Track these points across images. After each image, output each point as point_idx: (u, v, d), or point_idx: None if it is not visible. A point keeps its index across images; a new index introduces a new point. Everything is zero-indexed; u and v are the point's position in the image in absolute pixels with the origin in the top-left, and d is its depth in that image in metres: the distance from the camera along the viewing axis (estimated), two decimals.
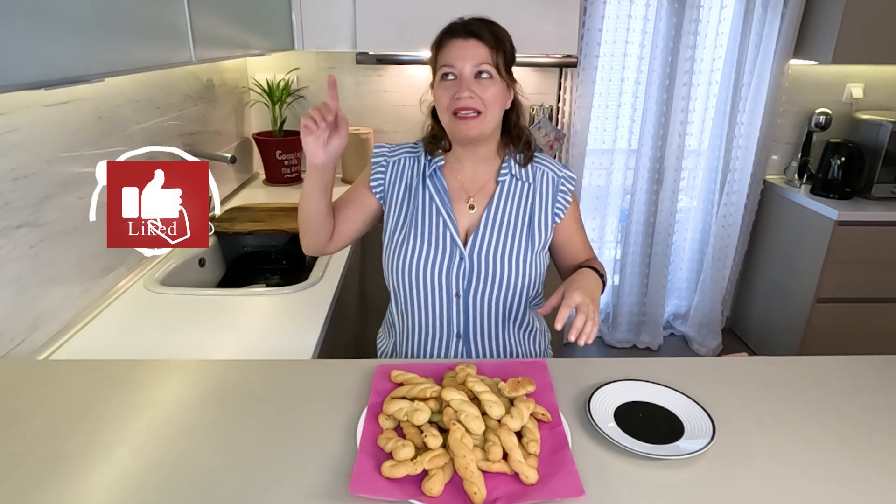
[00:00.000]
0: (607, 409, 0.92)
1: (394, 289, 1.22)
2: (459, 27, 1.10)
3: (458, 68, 1.08)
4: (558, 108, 2.58)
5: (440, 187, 1.17)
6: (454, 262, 1.15)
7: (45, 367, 1.04)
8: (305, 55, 2.44)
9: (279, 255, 1.95)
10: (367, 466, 0.77)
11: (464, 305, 1.17)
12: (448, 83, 1.09)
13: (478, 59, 1.08)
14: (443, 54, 1.10)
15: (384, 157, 1.21)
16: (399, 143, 1.24)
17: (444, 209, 1.16)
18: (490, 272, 1.15)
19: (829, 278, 2.42)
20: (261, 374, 1.01)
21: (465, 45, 1.08)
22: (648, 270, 2.84)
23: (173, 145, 1.71)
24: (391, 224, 1.19)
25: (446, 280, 1.16)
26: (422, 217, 1.16)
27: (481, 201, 1.18)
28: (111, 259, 1.40)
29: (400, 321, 1.24)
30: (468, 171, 1.19)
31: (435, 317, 1.19)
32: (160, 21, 1.10)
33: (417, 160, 1.21)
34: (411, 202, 1.18)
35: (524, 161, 1.20)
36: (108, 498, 0.74)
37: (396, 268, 1.17)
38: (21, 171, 1.10)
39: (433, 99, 1.15)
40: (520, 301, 1.19)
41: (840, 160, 2.45)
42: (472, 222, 1.17)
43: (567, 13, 2.11)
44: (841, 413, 0.94)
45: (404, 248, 1.16)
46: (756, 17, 2.47)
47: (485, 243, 1.15)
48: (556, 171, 1.22)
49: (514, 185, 1.19)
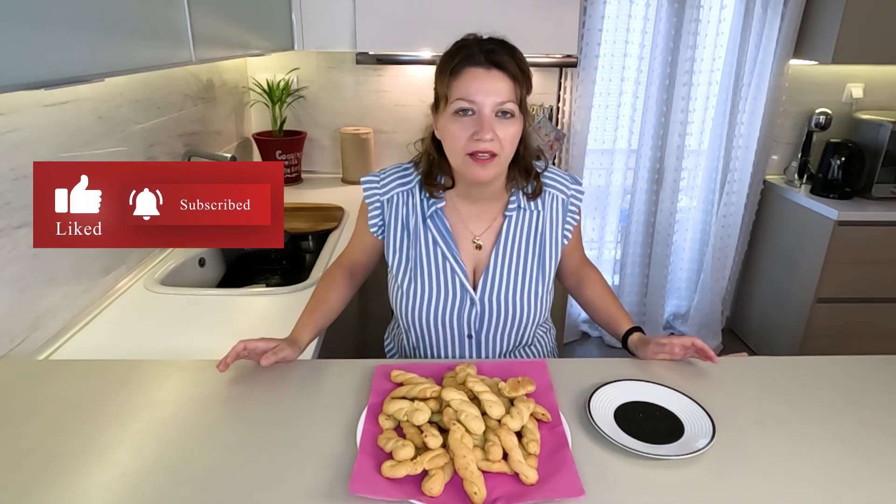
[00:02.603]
0: (607, 409, 0.92)
1: (404, 328, 1.19)
2: (478, 52, 0.97)
3: (479, 104, 0.96)
4: (558, 108, 2.58)
5: (443, 230, 1.09)
6: (465, 306, 1.10)
7: (45, 367, 1.04)
8: (305, 55, 2.44)
9: (279, 255, 1.95)
10: (367, 466, 0.77)
11: (476, 344, 1.15)
12: (465, 119, 0.97)
13: (501, 95, 0.96)
14: (459, 85, 0.96)
15: (376, 195, 1.12)
16: (385, 168, 1.15)
17: (451, 254, 1.09)
18: (503, 313, 1.10)
19: (829, 278, 2.42)
20: (261, 374, 1.01)
21: (487, 76, 0.96)
22: (648, 270, 2.84)
23: (173, 145, 1.72)
24: (394, 265, 1.13)
25: (458, 324, 1.12)
26: (427, 262, 1.09)
27: (489, 239, 1.11)
28: (111, 259, 1.40)
29: (410, 351, 1.21)
30: (472, 208, 1.11)
31: (446, 354, 1.16)
32: (160, 21, 1.10)
33: (412, 195, 1.11)
34: (412, 245, 1.10)
35: (533, 194, 1.10)
36: (108, 498, 0.74)
37: (406, 311, 1.13)
38: (21, 171, 1.10)
39: (439, 129, 1.03)
40: (532, 331, 1.17)
41: (840, 160, 2.45)
42: (481, 261, 1.11)
43: (567, 13, 2.11)
44: (841, 413, 0.94)
45: (412, 292, 1.10)
46: (756, 17, 2.46)
47: (496, 285, 1.09)
48: (566, 188, 1.14)
49: (522, 216, 1.11)
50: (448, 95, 0.98)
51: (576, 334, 2.99)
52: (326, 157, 2.61)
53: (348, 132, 2.44)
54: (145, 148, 1.56)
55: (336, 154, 2.57)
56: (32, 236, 0.90)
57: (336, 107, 2.53)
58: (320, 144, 2.59)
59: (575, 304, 2.90)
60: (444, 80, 0.99)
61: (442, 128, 1.01)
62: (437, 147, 1.06)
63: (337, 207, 2.05)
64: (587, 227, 2.84)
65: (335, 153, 2.58)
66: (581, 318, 3.00)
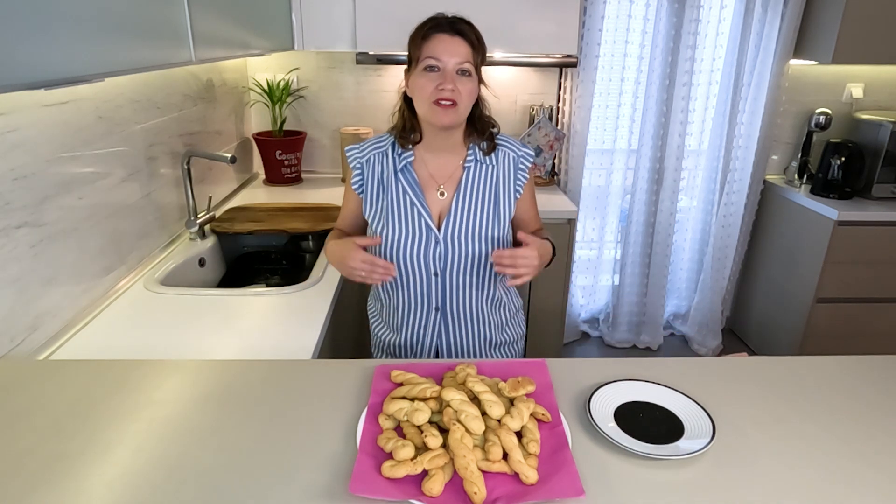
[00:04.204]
0: (607, 409, 0.92)
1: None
2: (445, 23, 1.19)
3: (444, 62, 1.16)
4: (558, 108, 2.58)
5: (412, 180, 1.25)
6: (430, 245, 1.25)
7: (45, 367, 1.04)
8: (305, 55, 2.44)
9: (279, 255, 1.95)
10: (367, 466, 0.77)
11: (441, 282, 1.28)
12: (432, 75, 1.17)
13: (462, 56, 1.17)
14: (428, 46, 1.17)
15: (357, 159, 1.30)
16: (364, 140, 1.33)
17: (418, 200, 1.24)
18: (463, 251, 1.25)
19: (829, 278, 2.42)
20: (261, 374, 1.01)
21: (452, 41, 1.17)
22: (648, 270, 2.84)
23: (173, 145, 1.72)
24: (370, 214, 1.29)
25: (424, 262, 1.26)
26: (397, 208, 1.25)
27: (450, 187, 1.27)
28: (111, 259, 1.40)
29: (385, 297, 1.35)
30: (437, 161, 1.28)
31: (416, 294, 1.29)
32: (160, 21, 1.10)
33: (385, 155, 1.28)
34: (385, 195, 1.27)
35: (488, 149, 1.28)
36: (108, 498, 0.74)
37: (380, 252, 1.27)
38: (21, 171, 1.10)
39: (410, 85, 1.22)
40: (491, 274, 1.30)
41: (840, 160, 2.45)
42: (444, 207, 1.26)
43: (567, 13, 2.11)
44: (841, 413, 0.94)
45: (385, 234, 1.25)
46: (756, 17, 2.47)
47: (457, 225, 1.25)
48: (516, 149, 1.30)
49: (479, 169, 1.28)
50: (419, 56, 1.18)
51: (576, 334, 2.99)
52: (326, 157, 2.61)
53: (348, 132, 2.44)
54: (145, 148, 1.56)
55: (336, 154, 2.57)
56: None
57: (336, 107, 2.53)
58: (320, 144, 2.59)
59: (575, 305, 2.92)
60: (417, 43, 1.19)
61: (412, 83, 1.21)
62: (408, 106, 1.25)
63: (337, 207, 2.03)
64: (587, 227, 2.84)
65: (335, 153, 2.58)
66: (581, 318, 3.00)
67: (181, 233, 1.76)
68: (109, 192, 1.39)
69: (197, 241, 1.73)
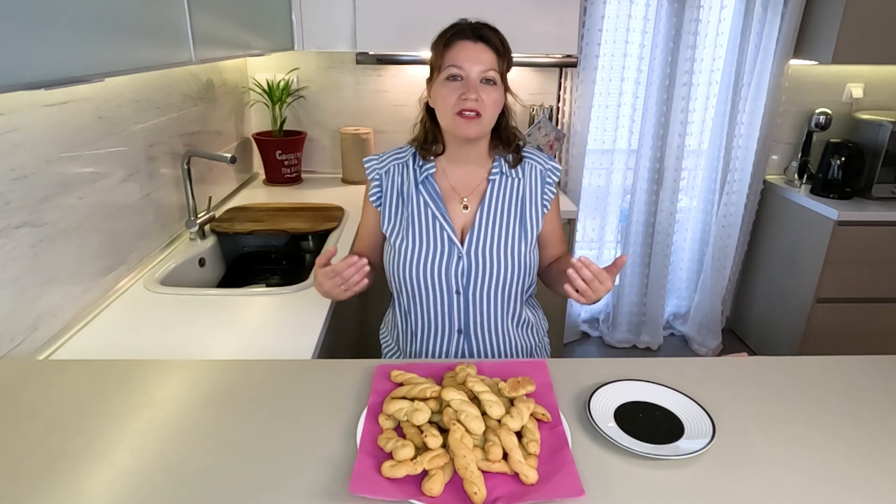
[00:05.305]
0: (607, 409, 0.92)
1: (396, 290, 1.25)
2: (468, 29, 1.12)
3: (466, 70, 1.10)
4: (558, 108, 2.58)
5: (433, 192, 1.20)
6: (452, 260, 1.18)
7: (45, 367, 1.04)
8: (305, 55, 2.44)
9: (279, 255, 1.95)
10: (367, 466, 0.77)
11: (464, 302, 1.20)
12: (455, 84, 1.11)
13: (486, 64, 1.11)
14: (451, 54, 1.11)
15: (376, 170, 1.25)
16: (384, 151, 1.27)
17: (440, 213, 1.19)
18: (487, 267, 1.18)
19: (829, 278, 2.42)
20: (261, 374, 1.01)
21: (475, 48, 1.11)
22: (648, 270, 2.84)
23: (173, 145, 1.72)
24: (388, 229, 1.23)
25: (446, 278, 1.19)
26: (418, 221, 1.19)
27: (474, 200, 1.22)
28: (111, 259, 1.40)
29: (403, 321, 1.27)
30: (460, 173, 1.22)
31: (437, 314, 1.22)
32: (160, 21, 1.10)
33: (406, 166, 1.23)
34: (405, 207, 1.21)
35: (514, 162, 1.23)
36: (108, 498, 0.74)
37: (398, 270, 1.20)
38: (21, 171, 1.10)
39: (432, 96, 1.17)
40: (516, 294, 1.23)
41: (840, 160, 2.45)
42: (467, 221, 1.21)
43: (567, 13, 2.11)
44: (841, 413, 0.94)
45: (404, 250, 1.19)
46: (756, 17, 2.47)
47: (481, 240, 1.19)
48: (543, 163, 1.26)
49: (504, 181, 1.22)
50: (441, 64, 1.12)
51: (576, 334, 2.99)
52: (326, 157, 2.61)
53: (348, 132, 2.44)
54: (145, 148, 1.56)
55: (336, 154, 2.57)
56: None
57: (336, 107, 2.53)
58: (320, 144, 2.59)
59: (575, 305, 2.92)
60: (439, 51, 1.13)
61: (435, 93, 1.15)
62: (430, 116, 1.20)
63: (337, 207, 2.05)
64: (587, 227, 2.84)
65: (335, 153, 2.58)
66: (581, 318, 3.00)
67: (181, 233, 1.76)
68: (109, 192, 1.39)
69: (197, 241, 1.73)
